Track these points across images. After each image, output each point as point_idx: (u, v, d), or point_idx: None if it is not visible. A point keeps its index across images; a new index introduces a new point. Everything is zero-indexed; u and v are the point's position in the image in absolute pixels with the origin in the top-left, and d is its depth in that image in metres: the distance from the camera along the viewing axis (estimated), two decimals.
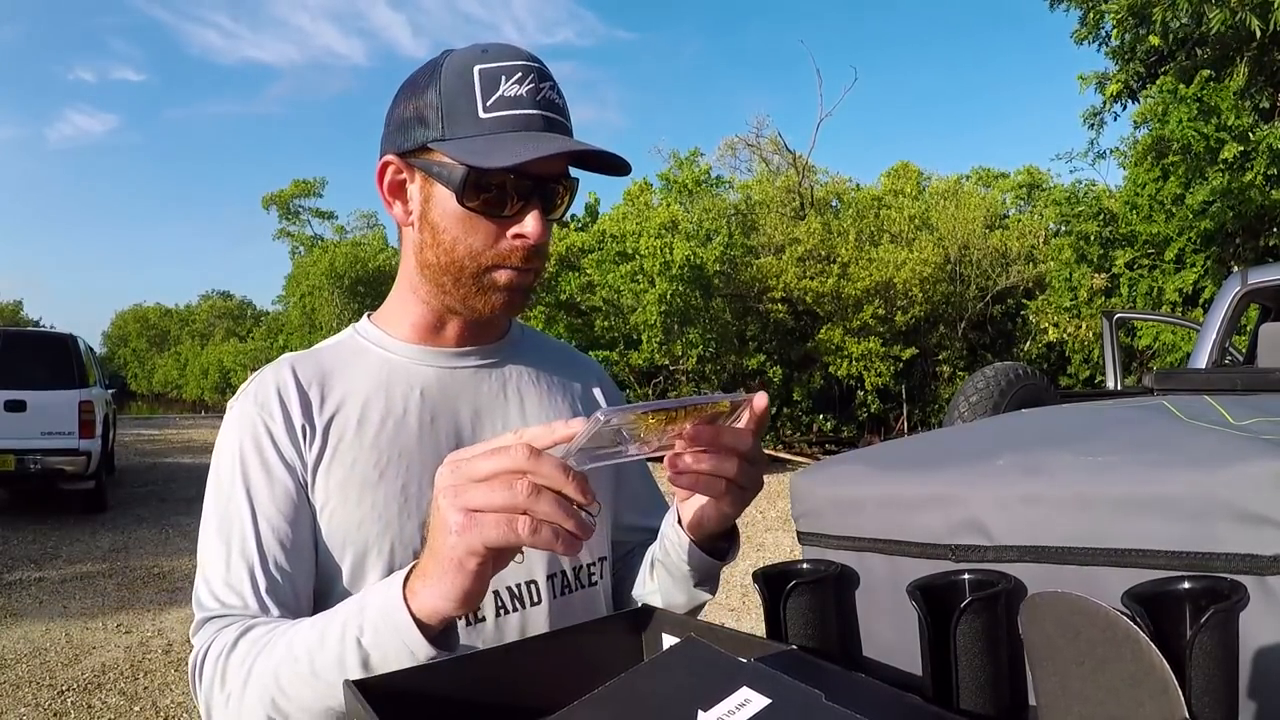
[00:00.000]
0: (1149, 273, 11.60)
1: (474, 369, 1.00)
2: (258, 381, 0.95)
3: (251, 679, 0.77)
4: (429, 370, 0.97)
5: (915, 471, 0.74)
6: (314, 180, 29.20)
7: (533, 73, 0.87)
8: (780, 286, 14.84)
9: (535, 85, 0.87)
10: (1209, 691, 0.45)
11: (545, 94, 0.88)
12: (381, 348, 0.98)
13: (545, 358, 1.08)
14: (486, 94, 0.86)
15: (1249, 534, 0.53)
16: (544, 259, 0.94)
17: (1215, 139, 10.20)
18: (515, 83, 0.86)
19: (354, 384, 0.95)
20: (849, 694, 0.49)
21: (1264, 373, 3.30)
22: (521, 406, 1.01)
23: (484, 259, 0.90)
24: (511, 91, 0.86)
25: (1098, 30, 12.81)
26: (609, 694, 0.49)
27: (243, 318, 44.94)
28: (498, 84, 0.86)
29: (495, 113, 0.85)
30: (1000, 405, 3.73)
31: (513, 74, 0.86)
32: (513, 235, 0.89)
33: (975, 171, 23.25)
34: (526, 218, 0.88)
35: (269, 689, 0.76)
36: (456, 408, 0.97)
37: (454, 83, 0.87)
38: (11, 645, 4.83)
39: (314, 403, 0.93)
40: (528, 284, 0.93)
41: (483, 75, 0.86)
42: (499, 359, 1.03)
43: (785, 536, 7.77)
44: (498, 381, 1.01)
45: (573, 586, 0.98)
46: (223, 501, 0.89)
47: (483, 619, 0.92)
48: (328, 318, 22.19)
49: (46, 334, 10.00)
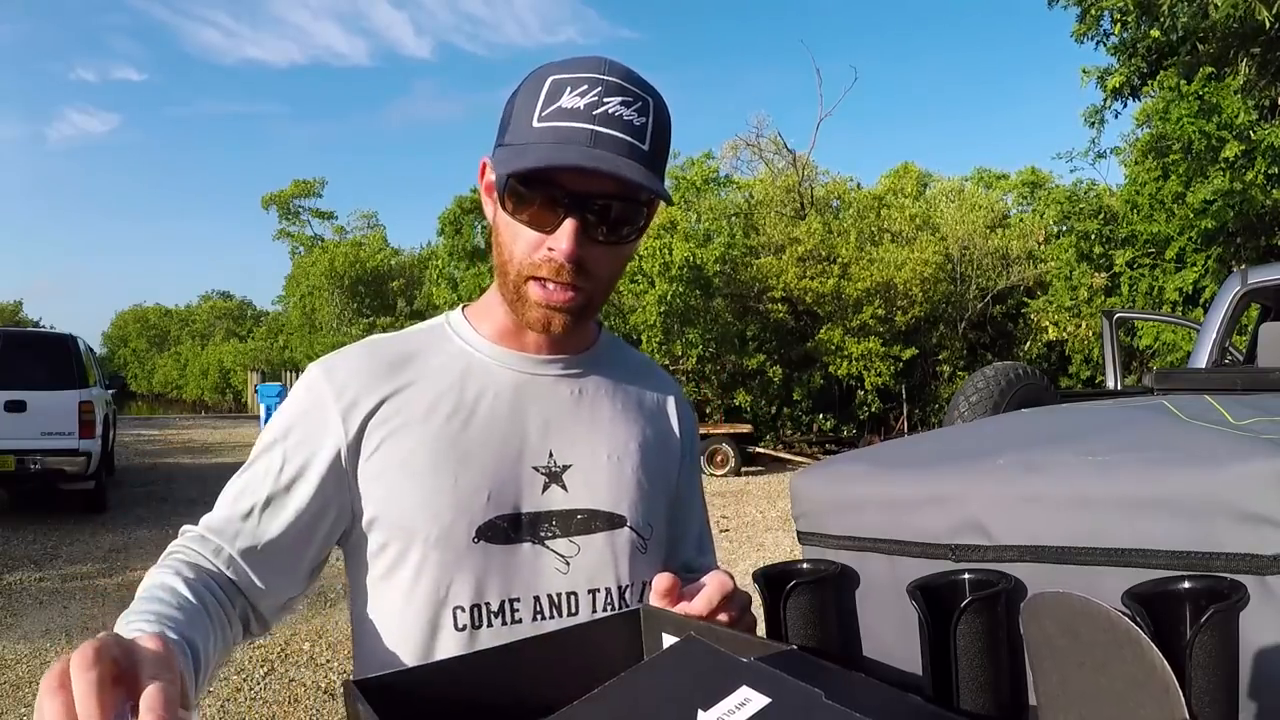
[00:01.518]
0: (1149, 272, 11.61)
1: (554, 378, 0.99)
2: (345, 354, 0.97)
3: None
4: (508, 373, 0.97)
5: (915, 471, 0.74)
6: (314, 180, 29.26)
7: (600, 86, 0.84)
8: (780, 286, 14.84)
9: (598, 99, 0.84)
10: (1209, 691, 0.45)
11: (609, 109, 0.84)
12: (466, 343, 0.98)
13: (629, 373, 1.07)
14: (547, 104, 0.85)
15: (1249, 534, 0.53)
16: (594, 281, 0.90)
17: (1217, 138, 10.20)
18: (578, 95, 0.84)
19: (431, 373, 0.95)
20: (849, 694, 0.49)
21: (1264, 372, 3.30)
22: (592, 422, 1.00)
23: (523, 268, 0.89)
24: (570, 103, 0.84)
25: (1096, 27, 12.81)
26: (609, 694, 0.49)
27: (243, 318, 44.94)
28: (560, 94, 0.84)
29: (546, 123, 0.84)
30: (1000, 405, 3.73)
31: (579, 85, 0.84)
32: (547, 248, 0.87)
33: (977, 172, 23.24)
34: (559, 231, 0.86)
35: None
36: (526, 415, 0.96)
37: (529, 89, 0.87)
38: (11, 645, 4.83)
39: (387, 383, 0.93)
40: (569, 304, 0.89)
41: (552, 84, 0.85)
42: (581, 370, 1.01)
43: (785, 536, 7.77)
44: (574, 394, 1.00)
45: (614, 605, 0.97)
46: (259, 451, 0.93)
47: (519, 620, 0.92)
48: (328, 318, 22.20)
49: (46, 334, 10.01)
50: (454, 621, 0.91)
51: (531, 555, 0.93)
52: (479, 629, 0.91)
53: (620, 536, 0.98)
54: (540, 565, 0.94)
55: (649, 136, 0.87)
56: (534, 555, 0.93)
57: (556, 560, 0.94)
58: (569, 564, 0.95)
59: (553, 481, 0.96)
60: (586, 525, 0.96)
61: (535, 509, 0.94)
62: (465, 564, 0.91)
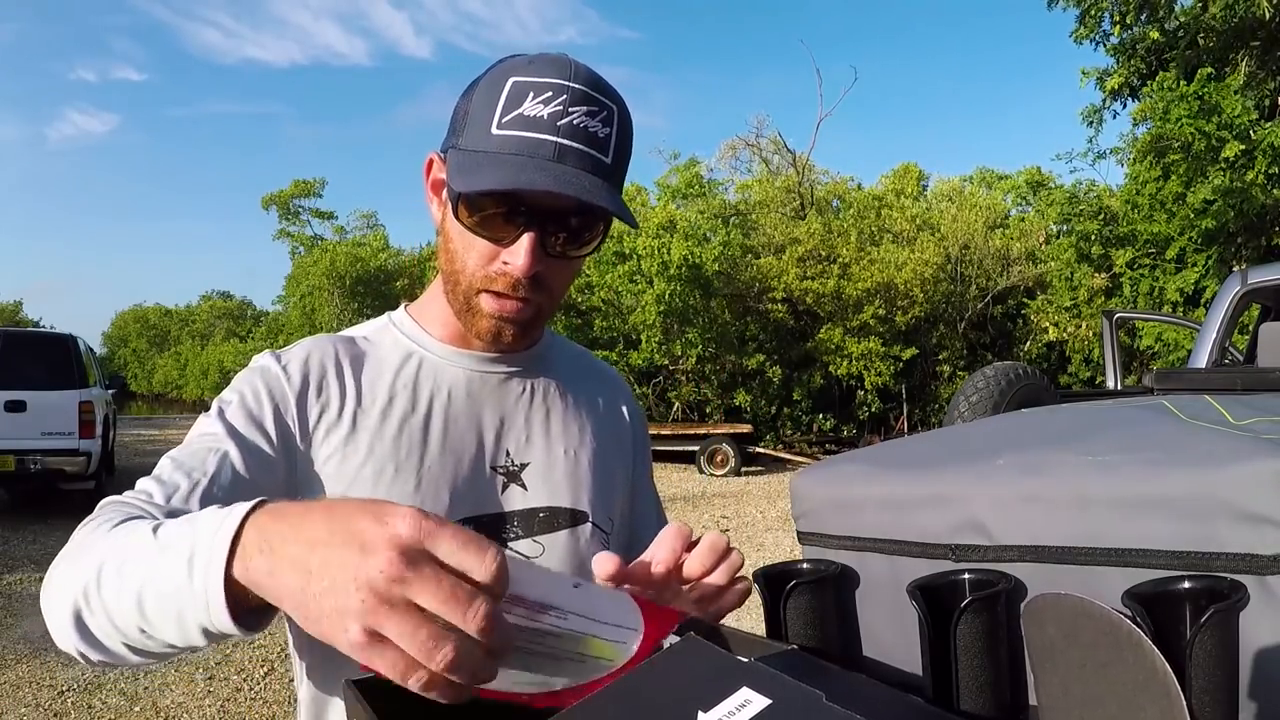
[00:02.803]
0: (1150, 272, 11.61)
1: (504, 377, 0.98)
2: (295, 346, 0.94)
3: (73, 551, 0.70)
4: (459, 372, 0.96)
5: (915, 471, 0.74)
6: (314, 180, 29.21)
7: (565, 94, 0.80)
8: (780, 287, 14.85)
9: (563, 109, 0.80)
10: (1209, 691, 0.45)
11: (574, 120, 0.80)
12: (415, 342, 0.97)
13: (575, 369, 1.07)
14: (507, 109, 0.80)
15: (1249, 534, 0.53)
16: (546, 294, 0.88)
17: (1216, 137, 10.20)
18: (541, 102, 0.80)
19: (384, 374, 0.94)
20: (849, 694, 0.49)
21: (1264, 372, 3.30)
22: (546, 420, 0.99)
23: (475, 279, 0.86)
24: (533, 111, 0.80)
25: (1096, 28, 12.81)
26: (609, 694, 0.49)
27: (243, 318, 44.95)
28: (522, 100, 0.80)
29: (506, 131, 0.80)
30: (1000, 405, 3.73)
31: (542, 92, 0.80)
32: (502, 261, 0.84)
33: (979, 173, 23.25)
34: (516, 245, 0.83)
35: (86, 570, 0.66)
36: (481, 415, 0.96)
37: (488, 90, 0.83)
38: (11, 645, 4.83)
39: (341, 383, 0.92)
40: (521, 317, 0.88)
41: (513, 88, 0.81)
42: (530, 367, 1.01)
43: (785, 536, 7.77)
44: (525, 392, 0.99)
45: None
46: (201, 426, 0.86)
47: None
48: (328, 318, 22.18)
49: (46, 334, 10.01)
50: None
51: None
52: None
53: (583, 533, 0.98)
54: None
55: (612, 149, 0.84)
56: None
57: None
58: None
59: (512, 481, 0.96)
60: (549, 524, 0.96)
61: (497, 510, 0.94)
62: None
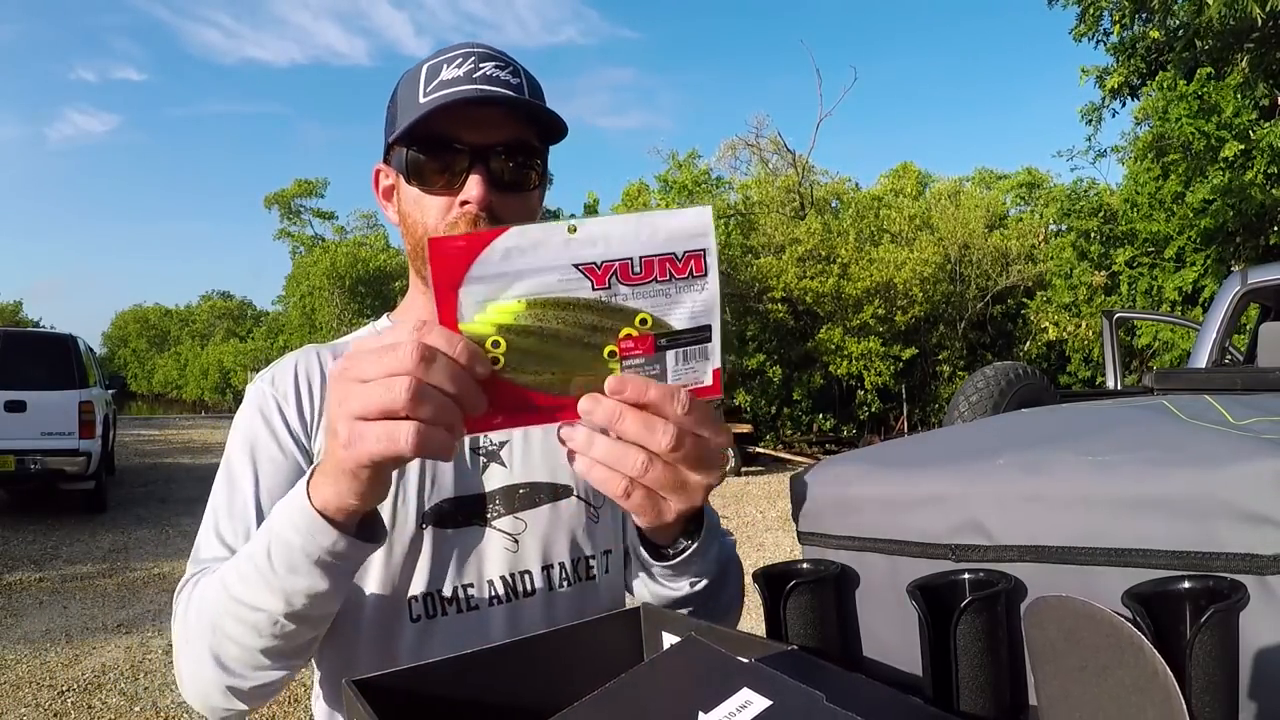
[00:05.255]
0: (1149, 271, 11.60)
1: None
2: (279, 365, 0.97)
3: (194, 606, 0.79)
4: None
5: (915, 471, 0.74)
6: (315, 180, 29.24)
7: (473, 55, 0.91)
8: (780, 286, 14.83)
9: (475, 65, 0.90)
10: (1209, 691, 0.45)
11: (485, 72, 0.90)
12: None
13: None
14: (428, 82, 0.90)
15: (1249, 534, 0.53)
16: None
17: (1216, 137, 10.20)
18: (455, 67, 0.90)
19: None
20: (849, 695, 0.49)
21: (1264, 372, 3.30)
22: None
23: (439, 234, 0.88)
24: (449, 75, 0.90)
25: (1096, 27, 12.81)
26: (609, 694, 0.49)
27: (243, 318, 44.95)
28: (438, 72, 0.90)
29: (431, 95, 0.89)
30: (1000, 405, 3.73)
31: (453, 60, 0.91)
32: (459, 204, 0.90)
33: (978, 172, 23.25)
34: (468, 183, 0.89)
35: (207, 612, 0.77)
36: None
37: (408, 82, 0.93)
38: (11, 645, 4.83)
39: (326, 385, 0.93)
40: None
41: (429, 68, 0.92)
42: None
43: (785, 536, 7.77)
44: None
45: (570, 580, 0.97)
46: (231, 469, 0.92)
47: (475, 606, 0.92)
48: (328, 318, 22.19)
49: (46, 334, 10.01)
50: (409, 613, 0.90)
51: (480, 538, 0.93)
52: (434, 618, 0.91)
53: (567, 507, 0.98)
54: (488, 547, 0.94)
55: (526, 91, 0.92)
56: (482, 537, 0.94)
57: (504, 540, 0.94)
58: (517, 541, 0.95)
59: (491, 460, 0.97)
60: (530, 499, 0.96)
61: (478, 490, 0.95)
62: (414, 551, 0.90)
